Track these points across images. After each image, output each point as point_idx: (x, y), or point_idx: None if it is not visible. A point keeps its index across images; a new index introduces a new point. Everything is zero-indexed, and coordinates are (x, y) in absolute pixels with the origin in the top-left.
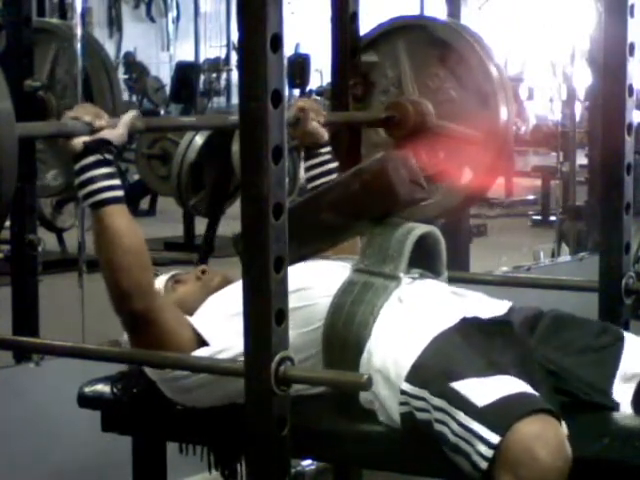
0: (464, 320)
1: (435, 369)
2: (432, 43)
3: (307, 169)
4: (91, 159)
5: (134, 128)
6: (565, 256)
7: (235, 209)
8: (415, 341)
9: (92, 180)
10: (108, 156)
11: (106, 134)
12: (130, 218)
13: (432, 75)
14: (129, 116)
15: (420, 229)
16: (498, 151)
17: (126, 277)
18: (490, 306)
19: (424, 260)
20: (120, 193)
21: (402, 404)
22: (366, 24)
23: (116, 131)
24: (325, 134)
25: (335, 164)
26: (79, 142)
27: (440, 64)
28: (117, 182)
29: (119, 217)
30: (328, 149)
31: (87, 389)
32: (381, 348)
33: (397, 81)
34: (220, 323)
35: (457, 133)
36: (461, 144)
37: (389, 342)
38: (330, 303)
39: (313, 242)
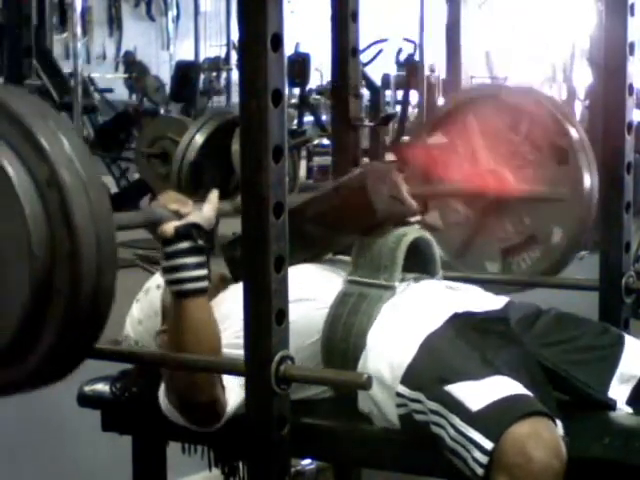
0: (456, 316)
1: (429, 371)
2: (502, 109)
3: None
4: (184, 245)
5: (222, 211)
6: None
7: None
8: (408, 342)
9: (181, 268)
10: (200, 242)
11: (194, 218)
12: (211, 312)
13: (506, 142)
14: (214, 197)
15: (411, 235)
16: (585, 206)
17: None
18: (486, 300)
19: (418, 264)
20: (205, 284)
21: (399, 406)
22: (366, 23)
23: (204, 214)
24: (413, 204)
25: None
26: (170, 227)
27: (513, 130)
28: (204, 272)
29: (200, 310)
30: (417, 219)
31: (87, 388)
32: (375, 352)
33: (471, 156)
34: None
35: (539, 194)
36: (546, 205)
37: (382, 345)
38: (327, 315)
39: (297, 253)
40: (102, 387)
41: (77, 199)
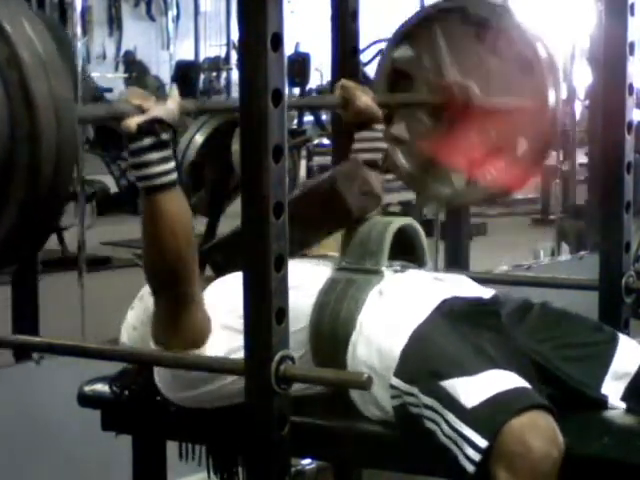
0: (444, 302)
1: (423, 365)
2: (468, 22)
3: (357, 141)
4: (147, 141)
5: (184, 109)
6: (565, 255)
7: (235, 208)
8: (397, 330)
9: (146, 164)
10: (165, 136)
11: (157, 112)
12: (183, 202)
13: (471, 54)
14: (175, 93)
15: (397, 222)
16: (550, 116)
17: (177, 261)
18: (474, 289)
19: (406, 253)
20: (174, 177)
21: (394, 397)
22: (366, 23)
23: (166, 107)
24: (379, 110)
25: (385, 145)
26: (132, 122)
27: (478, 42)
28: (171, 165)
29: (172, 203)
30: (382, 127)
31: (87, 388)
32: (364, 339)
33: (437, 69)
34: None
35: (505, 105)
36: (512, 117)
37: (371, 332)
38: (314, 302)
39: None
40: (102, 387)
41: (37, 79)
